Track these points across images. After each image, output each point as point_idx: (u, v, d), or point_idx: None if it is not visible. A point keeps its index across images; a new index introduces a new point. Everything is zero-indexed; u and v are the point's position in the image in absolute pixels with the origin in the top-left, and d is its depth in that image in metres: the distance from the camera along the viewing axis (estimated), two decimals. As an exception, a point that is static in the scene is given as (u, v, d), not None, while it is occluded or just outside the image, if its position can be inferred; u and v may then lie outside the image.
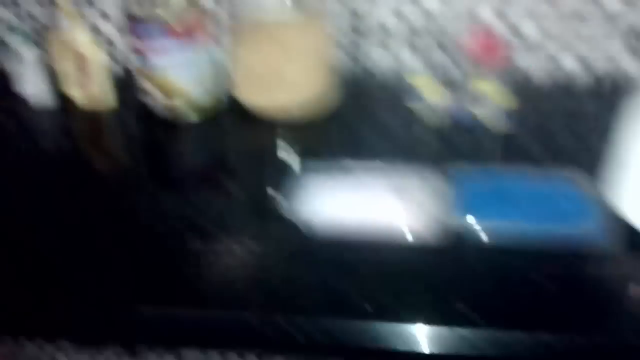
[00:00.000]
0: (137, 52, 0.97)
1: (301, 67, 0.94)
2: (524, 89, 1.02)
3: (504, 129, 0.89)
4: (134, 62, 1.05)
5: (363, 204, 0.70)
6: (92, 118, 1.04)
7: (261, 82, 0.94)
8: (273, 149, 0.90)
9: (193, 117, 0.99)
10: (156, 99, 0.99)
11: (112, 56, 1.14)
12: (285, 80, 0.94)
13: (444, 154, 0.87)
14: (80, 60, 1.02)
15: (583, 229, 0.65)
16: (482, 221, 0.66)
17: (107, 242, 0.71)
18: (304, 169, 0.78)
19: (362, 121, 0.97)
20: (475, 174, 0.74)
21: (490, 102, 0.88)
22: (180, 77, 0.96)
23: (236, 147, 0.95)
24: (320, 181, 0.75)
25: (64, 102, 1.06)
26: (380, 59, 1.08)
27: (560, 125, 0.92)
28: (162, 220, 0.74)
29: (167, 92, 0.97)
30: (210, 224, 0.72)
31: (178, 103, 0.98)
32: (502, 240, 0.65)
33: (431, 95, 0.91)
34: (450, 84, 0.90)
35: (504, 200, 0.69)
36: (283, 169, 0.83)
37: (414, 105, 0.93)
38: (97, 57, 1.02)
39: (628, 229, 0.66)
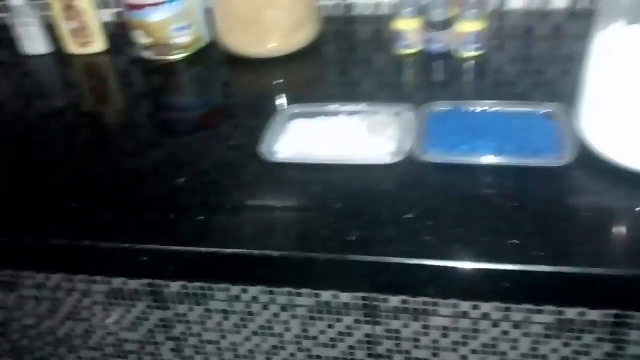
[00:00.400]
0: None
1: (282, 8, 0.96)
2: (501, 18, 1.04)
3: (483, 61, 0.92)
4: (121, 6, 1.08)
5: (338, 141, 0.74)
6: (84, 63, 1.08)
7: (242, 24, 0.97)
8: (256, 90, 0.94)
9: (177, 57, 1.02)
10: (142, 40, 1.02)
11: (102, 1, 1.17)
12: (266, 22, 0.96)
13: (422, 90, 0.89)
14: (71, 6, 1.05)
15: (550, 159, 0.67)
16: (448, 150, 0.70)
17: (97, 184, 0.75)
18: (285, 109, 0.82)
19: (344, 60, 0.99)
20: (449, 110, 0.77)
21: (469, 36, 0.91)
22: (164, 17, 0.99)
23: (221, 90, 0.99)
24: (300, 121, 0.79)
25: (58, 48, 1.10)
26: (370, 2, 1.10)
27: (538, 52, 0.95)
28: (150, 160, 0.79)
29: (151, 33, 1.00)
30: (195, 165, 0.76)
31: (163, 43, 1.02)
32: (465, 166, 0.68)
33: (412, 35, 0.94)
34: (430, 22, 0.92)
35: (473, 132, 0.71)
36: (266, 109, 0.88)
37: (395, 44, 0.96)
38: (87, 2, 1.05)
39: (594, 157, 0.67)
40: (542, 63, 0.91)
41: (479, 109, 0.77)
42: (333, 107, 0.80)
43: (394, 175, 0.69)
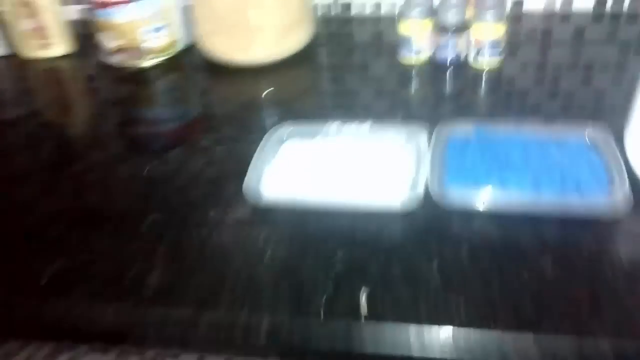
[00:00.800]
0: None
1: (270, 8, 0.84)
2: (519, 21, 0.92)
3: (503, 70, 0.80)
4: (87, 5, 0.95)
5: (339, 175, 0.62)
6: (44, 68, 0.95)
7: (225, 26, 0.84)
8: (240, 103, 0.81)
9: (150, 63, 0.90)
10: (110, 43, 0.89)
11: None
12: (252, 23, 0.84)
13: (433, 106, 0.77)
14: (27, 2, 0.91)
15: (596, 198, 0.55)
16: (474, 189, 0.57)
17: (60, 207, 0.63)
18: (275, 129, 0.69)
19: (342, 69, 0.87)
20: (469, 131, 0.64)
21: (487, 42, 0.79)
22: (134, 17, 0.86)
23: (199, 102, 0.86)
24: (292, 144, 0.67)
25: (14, 50, 0.97)
26: (369, 2, 0.98)
27: (560, 61, 0.83)
28: (112, 191, 0.66)
29: (120, 35, 0.88)
30: (164, 200, 0.64)
31: (133, 47, 0.89)
32: (497, 212, 0.56)
33: (420, 40, 0.82)
34: (442, 26, 0.80)
35: (501, 163, 0.60)
36: (252, 127, 0.76)
37: (401, 51, 0.83)
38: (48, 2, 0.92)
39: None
40: (574, 75, 0.79)
41: (505, 131, 0.65)
42: (331, 127, 0.68)
43: (409, 221, 0.57)
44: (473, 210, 0.57)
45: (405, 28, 0.82)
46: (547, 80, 0.79)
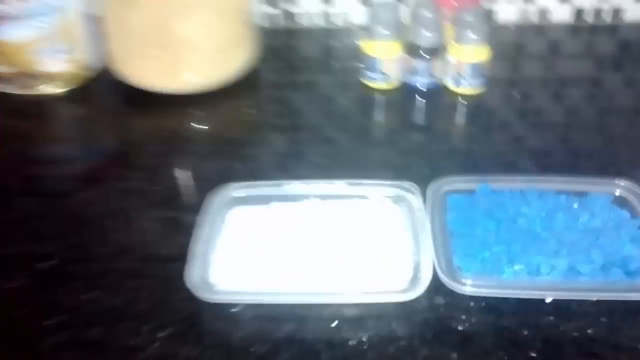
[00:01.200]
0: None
1: (202, 22, 0.67)
2: (496, 36, 0.80)
3: (483, 98, 0.68)
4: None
5: (311, 248, 0.47)
6: None
7: (145, 45, 0.68)
8: (167, 147, 0.64)
9: (47, 91, 0.72)
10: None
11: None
12: (179, 41, 0.68)
13: (416, 151, 0.63)
14: None
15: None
16: (493, 272, 0.44)
17: None
18: (219, 190, 0.53)
19: (293, 97, 0.72)
20: (470, 187, 0.51)
21: (469, 67, 0.66)
22: (26, 36, 0.69)
23: (113, 144, 0.68)
24: (244, 212, 0.51)
25: None
26: (318, 11, 0.83)
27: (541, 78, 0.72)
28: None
29: (9, 57, 0.70)
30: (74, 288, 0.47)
31: (25, 72, 0.71)
32: (525, 302, 0.43)
33: (389, 63, 0.68)
34: (414, 47, 0.66)
35: (522, 234, 0.47)
36: (183, 178, 0.60)
37: (366, 73, 0.69)
38: None
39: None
40: (577, 105, 0.68)
41: (514, 188, 0.52)
42: (294, 186, 0.52)
43: (415, 316, 0.44)
44: (495, 301, 0.44)
45: (370, 48, 0.68)
46: (551, 113, 0.67)
